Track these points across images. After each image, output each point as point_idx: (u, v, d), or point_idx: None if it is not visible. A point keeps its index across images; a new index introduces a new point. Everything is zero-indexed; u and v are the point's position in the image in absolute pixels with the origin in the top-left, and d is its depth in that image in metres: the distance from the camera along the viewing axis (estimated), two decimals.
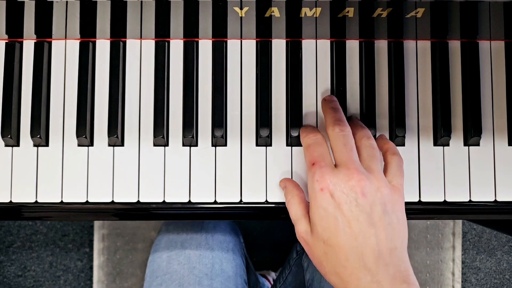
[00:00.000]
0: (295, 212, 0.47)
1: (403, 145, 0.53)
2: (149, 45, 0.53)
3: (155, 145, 0.52)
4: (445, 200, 0.53)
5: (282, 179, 0.51)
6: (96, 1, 0.48)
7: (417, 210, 0.53)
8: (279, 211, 0.52)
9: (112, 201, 0.52)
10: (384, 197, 0.43)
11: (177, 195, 0.52)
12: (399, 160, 0.48)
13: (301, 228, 0.46)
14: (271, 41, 0.54)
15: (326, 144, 0.47)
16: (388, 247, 0.42)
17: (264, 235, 1.18)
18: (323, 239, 0.43)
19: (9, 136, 0.51)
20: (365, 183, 0.43)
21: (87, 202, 0.52)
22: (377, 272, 0.41)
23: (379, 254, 0.41)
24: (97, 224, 1.14)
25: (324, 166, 0.44)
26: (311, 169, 0.45)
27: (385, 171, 0.47)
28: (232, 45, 0.54)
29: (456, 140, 0.53)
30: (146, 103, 0.53)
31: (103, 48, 0.53)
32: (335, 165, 0.45)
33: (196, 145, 0.53)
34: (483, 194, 0.53)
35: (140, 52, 0.54)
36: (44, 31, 0.52)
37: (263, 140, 0.52)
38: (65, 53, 0.53)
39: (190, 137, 0.52)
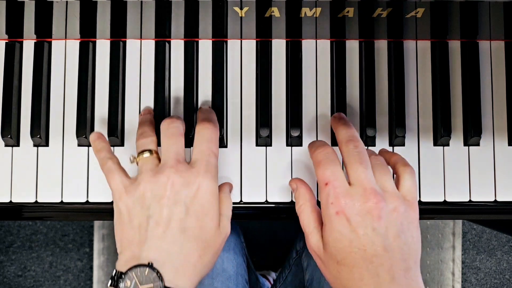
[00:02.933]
0: (308, 222, 0.45)
1: (403, 145, 0.53)
2: (149, 45, 0.53)
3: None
4: (445, 200, 0.53)
5: (293, 179, 0.49)
6: (96, 1, 0.48)
7: None
8: (279, 211, 0.52)
9: (113, 201, 0.52)
10: (400, 216, 0.42)
11: None
12: (412, 172, 0.45)
13: (314, 243, 0.44)
14: (271, 41, 0.54)
15: (338, 160, 0.44)
16: (402, 268, 0.41)
17: (264, 235, 1.18)
18: (337, 260, 0.42)
19: (9, 136, 0.51)
20: (382, 204, 0.41)
21: (87, 202, 0.52)
22: None
23: (393, 275, 0.40)
24: (97, 224, 1.14)
25: (338, 186, 0.42)
26: (324, 189, 0.43)
27: (397, 184, 0.45)
28: (232, 45, 0.54)
29: (456, 140, 0.53)
30: (146, 103, 0.53)
31: (103, 48, 0.53)
32: (349, 183, 0.43)
33: None
34: (483, 194, 0.53)
35: (140, 52, 0.54)
36: (44, 31, 0.52)
37: (263, 140, 0.52)
38: (65, 53, 0.53)
39: (190, 138, 0.52)
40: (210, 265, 0.46)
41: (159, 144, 0.48)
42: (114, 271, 0.43)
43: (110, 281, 0.43)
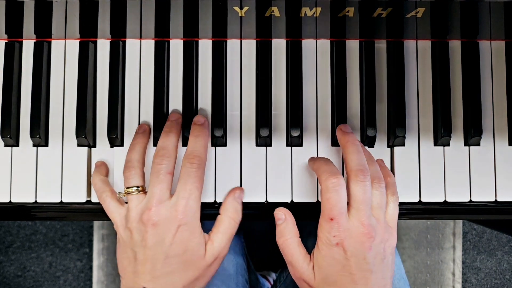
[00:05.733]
0: (296, 258, 0.49)
1: (403, 145, 0.53)
2: (149, 45, 0.53)
3: (154, 145, 0.52)
4: (445, 200, 0.53)
5: (280, 209, 0.50)
6: (96, 1, 0.48)
7: (417, 210, 0.53)
8: None
9: None
10: (385, 244, 0.47)
11: None
12: (397, 201, 0.50)
13: (305, 275, 0.48)
14: (271, 41, 0.53)
15: (345, 192, 0.47)
16: (382, 284, 0.47)
17: (264, 235, 1.18)
18: (328, 283, 0.47)
19: (8, 136, 0.51)
20: (374, 239, 0.46)
21: (86, 202, 0.52)
22: None
23: None
24: (97, 224, 1.14)
25: (342, 223, 0.46)
26: (328, 222, 0.46)
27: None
28: (232, 45, 0.54)
29: (457, 140, 0.53)
30: (146, 103, 0.53)
31: (103, 48, 0.53)
32: (349, 210, 0.47)
33: None
34: (483, 194, 0.53)
35: (140, 52, 0.53)
36: (43, 31, 0.52)
37: (263, 140, 0.52)
38: (64, 53, 0.53)
39: (187, 136, 0.51)
40: (202, 286, 0.50)
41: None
42: None
43: None
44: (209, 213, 0.52)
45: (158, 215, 0.46)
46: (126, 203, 0.49)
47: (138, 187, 0.49)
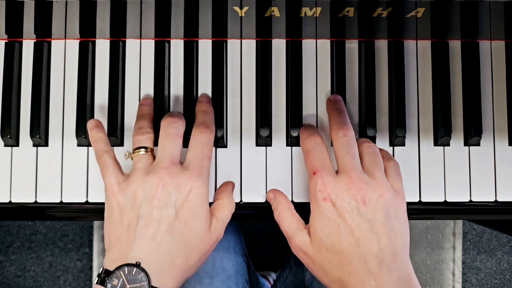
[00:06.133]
0: (289, 225, 0.47)
1: (403, 145, 0.53)
2: (149, 45, 0.53)
3: (155, 145, 0.52)
4: (445, 200, 0.53)
5: (270, 190, 0.51)
6: (96, 1, 0.48)
7: (417, 210, 0.53)
8: None
9: None
10: (386, 202, 0.43)
11: None
12: (396, 165, 0.48)
13: (299, 241, 0.46)
14: (271, 41, 0.53)
15: (326, 149, 0.47)
16: (390, 252, 0.42)
17: (264, 235, 1.18)
18: (326, 246, 0.43)
19: (8, 136, 0.51)
20: (365, 191, 0.43)
21: (87, 202, 0.52)
22: (381, 277, 0.41)
23: (382, 259, 0.42)
24: (97, 224, 1.14)
25: (325, 175, 0.44)
26: (312, 178, 0.45)
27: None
28: (232, 45, 0.54)
29: (457, 140, 0.53)
30: None
31: (103, 48, 0.53)
32: (337, 171, 0.45)
33: None
34: (483, 194, 0.53)
35: (140, 52, 0.53)
36: (43, 31, 0.52)
37: (263, 140, 0.52)
38: (64, 53, 0.53)
39: (190, 138, 0.51)
40: (197, 267, 0.46)
41: (156, 140, 0.48)
42: (101, 269, 0.43)
43: (96, 279, 0.43)
44: None
45: (171, 175, 0.43)
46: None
47: (147, 148, 0.46)
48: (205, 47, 0.53)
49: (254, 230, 1.19)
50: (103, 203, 0.52)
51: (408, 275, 0.42)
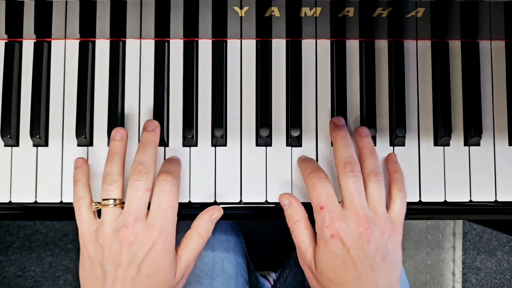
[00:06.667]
0: (303, 239, 0.48)
1: (403, 145, 0.53)
2: (149, 45, 0.53)
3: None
4: (445, 200, 0.53)
5: (284, 195, 0.51)
6: (96, 1, 0.48)
7: (417, 210, 0.53)
8: (279, 211, 0.52)
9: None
10: (386, 240, 0.46)
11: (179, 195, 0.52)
12: (404, 198, 0.49)
13: (308, 259, 0.48)
14: (271, 41, 0.53)
15: (330, 184, 0.47)
16: (387, 284, 0.45)
17: (264, 235, 1.18)
18: (329, 279, 0.46)
19: (8, 136, 0.51)
20: (372, 230, 0.45)
21: None
22: None
23: None
24: None
25: (332, 210, 0.45)
26: (319, 213, 0.46)
27: (388, 203, 0.49)
28: (232, 45, 0.54)
29: (457, 140, 0.53)
30: (146, 103, 0.53)
31: (102, 48, 0.53)
32: (343, 205, 0.47)
33: (196, 145, 0.53)
34: (483, 194, 0.53)
35: (140, 52, 0.53)
36: (43, 31, 0.52)
37: (263, 140, 0.52)
38: (64, 53, 0.53)
39: (190, 137, 0.51)
40: None
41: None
42: None
43: None
44: None
45: (134, 233, 0.45)
46: (99, 217, 0.48)
47: (115, 200, 0.47)
48: (205, 47, 0.53)
49: (254, 230, 1.19)
50: None
51: None
